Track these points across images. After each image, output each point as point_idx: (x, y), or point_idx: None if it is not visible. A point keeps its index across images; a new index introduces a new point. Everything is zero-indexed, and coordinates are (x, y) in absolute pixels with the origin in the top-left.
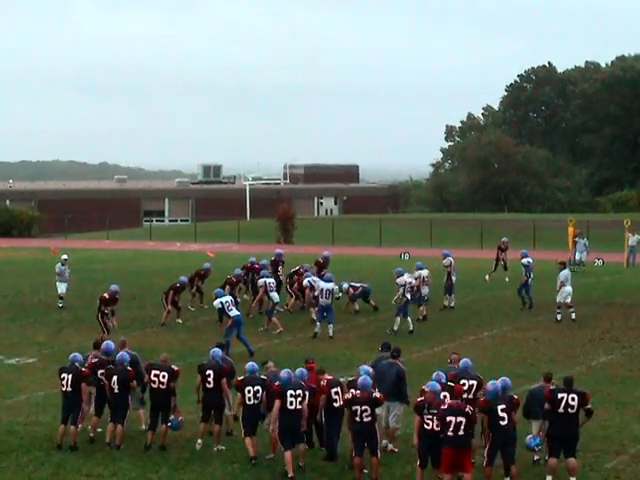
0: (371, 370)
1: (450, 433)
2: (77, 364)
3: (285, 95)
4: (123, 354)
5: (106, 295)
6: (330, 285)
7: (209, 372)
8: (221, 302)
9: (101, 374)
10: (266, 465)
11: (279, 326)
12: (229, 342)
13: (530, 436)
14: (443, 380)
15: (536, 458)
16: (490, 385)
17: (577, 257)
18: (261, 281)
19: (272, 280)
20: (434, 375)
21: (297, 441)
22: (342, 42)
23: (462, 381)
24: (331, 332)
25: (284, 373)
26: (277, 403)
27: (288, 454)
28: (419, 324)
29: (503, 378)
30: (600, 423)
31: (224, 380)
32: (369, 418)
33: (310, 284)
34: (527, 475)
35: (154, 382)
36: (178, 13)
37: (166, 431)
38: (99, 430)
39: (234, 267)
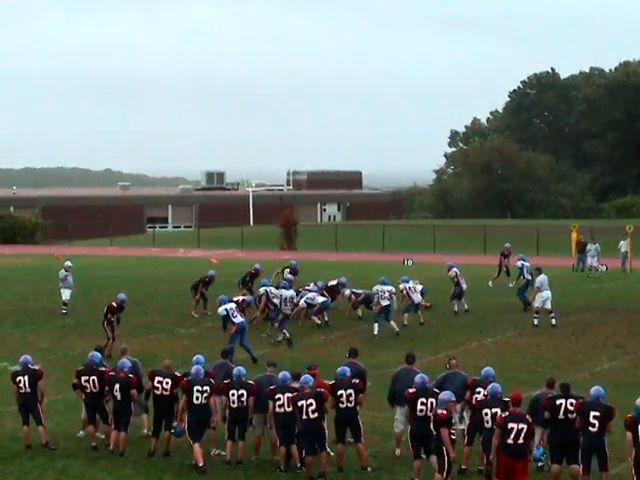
0: (348, 371)
1: (510, 441)
2: (29, 365)
3: (287, 101)
4: (124, 361)
5: (114, 304)
6: (290, 293)
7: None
8: (226, 309)
9: (85, 381)
10: (270, 471)
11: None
12: (233, 348)
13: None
14: (492, 377)
15: (540, 464)
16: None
17: (589, 262)
18: (262, 289)
19: (273, 288)
20: (484, 371)
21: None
22: (346, 46)
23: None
24: (280, 337)
25: (193, 369)
26: (183, 398)
27: (196, 446)
28: (422, 329)
29: (494, 384)
30: None
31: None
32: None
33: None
34: None
35: (157, 389)
36: (171, 16)
37: (169, 437)
38: (102, 437)
39: (239, 273)
